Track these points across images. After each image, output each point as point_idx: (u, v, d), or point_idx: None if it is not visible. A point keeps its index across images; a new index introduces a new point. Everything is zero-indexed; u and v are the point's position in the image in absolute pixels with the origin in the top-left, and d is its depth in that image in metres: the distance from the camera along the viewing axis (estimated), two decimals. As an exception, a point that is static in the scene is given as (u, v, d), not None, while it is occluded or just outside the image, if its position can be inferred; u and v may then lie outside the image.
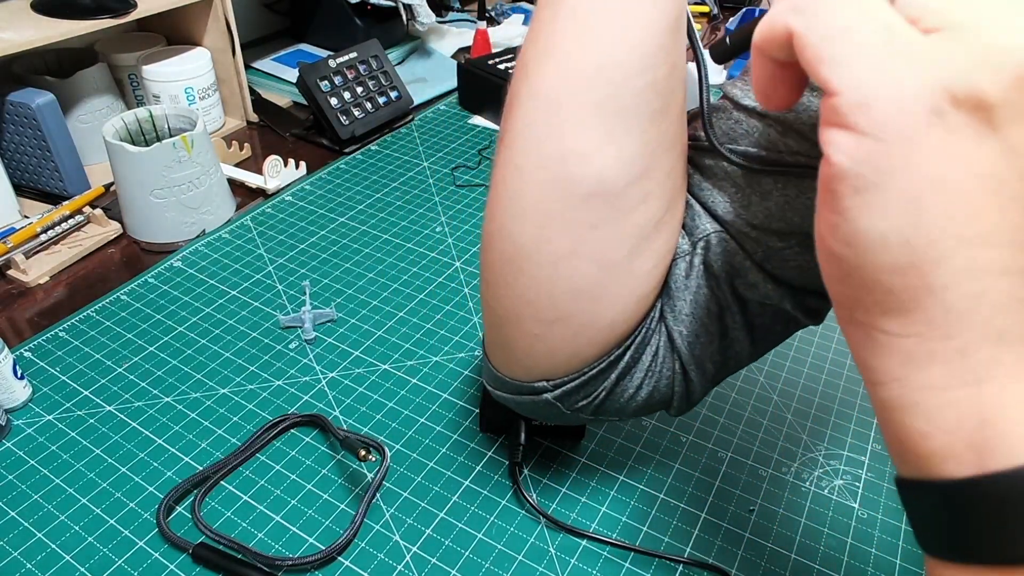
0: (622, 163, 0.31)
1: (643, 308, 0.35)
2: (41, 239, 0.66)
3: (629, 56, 0.30)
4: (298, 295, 0.62)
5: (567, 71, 0.31)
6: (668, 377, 0.38)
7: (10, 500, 0.44)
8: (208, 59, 0.83)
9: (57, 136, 0.69)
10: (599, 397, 0.37)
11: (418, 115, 0.93)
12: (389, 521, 0.44)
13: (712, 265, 0.36)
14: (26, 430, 0.49)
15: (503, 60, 0.93)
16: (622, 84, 0.30)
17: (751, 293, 0.36)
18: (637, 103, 0.30)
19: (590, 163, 0.31)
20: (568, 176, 0.31)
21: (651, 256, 0.34)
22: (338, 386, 0.53)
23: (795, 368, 0.56)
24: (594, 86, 0.30)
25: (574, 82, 0.30)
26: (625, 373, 0.37)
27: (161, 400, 0.52)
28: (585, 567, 0.42)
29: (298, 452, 0.48)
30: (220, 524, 0.43)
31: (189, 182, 0.66)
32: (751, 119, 0.35)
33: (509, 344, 0.37)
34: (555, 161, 0.31)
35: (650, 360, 0.37)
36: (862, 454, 0.49)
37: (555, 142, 0.31)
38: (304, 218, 0.72)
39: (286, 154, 0.80)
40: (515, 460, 0.46)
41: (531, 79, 0.32)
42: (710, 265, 0.36)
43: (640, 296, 0.35)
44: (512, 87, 0.33)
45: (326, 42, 1.07)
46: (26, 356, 0.55)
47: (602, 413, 0.38)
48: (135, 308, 0.60)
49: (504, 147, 0.33)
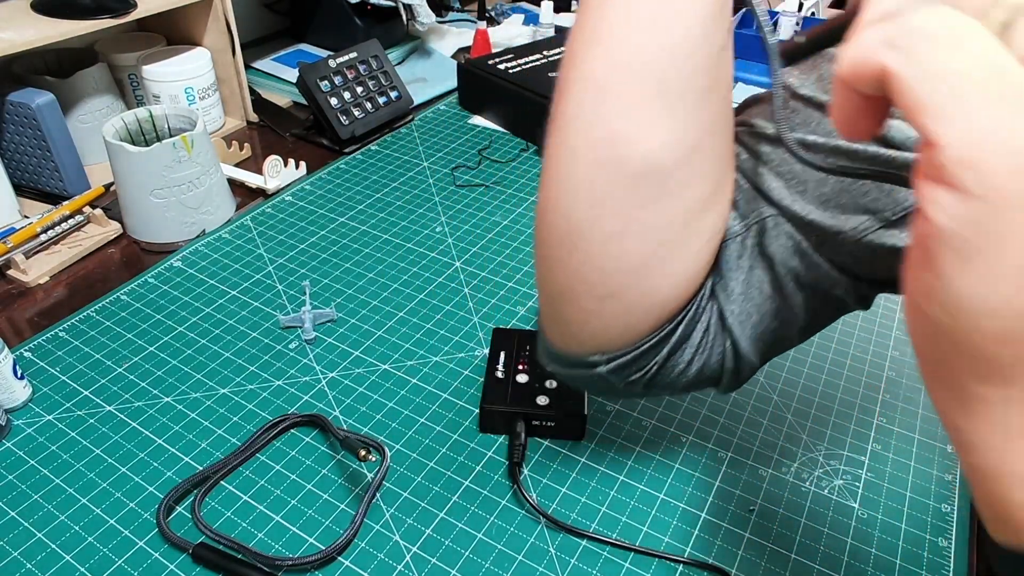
0: (670, 145, 0.32)
1: (693, 285, 0.36)
2: (41, 239, 0.66)
3: (675, 40, 0.30)
4: (298, 295, 0.62)
5: (614, 56, 0.31)
6: (719, 354, 0.38)
7: (10, 500, 0.45)
8: (208, 59, 0.83)
9: (57, 136, 0.69)
10: (651, 371, 0.38)
11: (418, 115, 0.93)
12: (389, 521, 0.44)
13: (766, 248, 0.36)
14: (26, 430, 0.49)
15: (503, 60, 0.93)
16: (668, 68, 0.31)
17: (804, 277, 0.37)
18: (683, 87, 0.31)
19: (638, 145, 0.31)
20: (617, 158, 0.32)
21: (700, 235, 0.35)
22: (338, 386, 0.53)
23: (795, 368, 0.56)
24: (641, 70, 0.31)
25: (621, 67, 0.31)
26: (676, 348, 0.38)
27: (161, 400, 0.52)
28: (585, 567, 0.42)
29: (298, 452, 0.48)
30: (220, 524, 0.43)
31: (189, 182, 0.66)
32: (808, 108, 0.35)
33: (564, 319, 0.37)
34: (605, 143, 0.32)
35: (700, 336, 0.38)
36: (862, 454, 0.49)
37: (604, 125, 0.32)
38: (304, 218, 0.72)
39: (286, 154, 0.80)
40: (515, 460, 0.46)
41: (579, 65, 0.33)
42: (764, 247, 0.37)
43: (690, 274, 0.36)
44: (561, 72, 0.34)
45: (326, 42, 1.07)
46: (26, 356, 0.55)
47: (653, 388, 0.39)
48: (135, 308, 0.60)
49: (555, 129, 0.34)
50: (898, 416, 0.53)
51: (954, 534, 0.44)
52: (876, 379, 0.56)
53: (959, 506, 0.46)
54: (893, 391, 0.55)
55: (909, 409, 0.53)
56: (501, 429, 0.50)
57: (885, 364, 0.57)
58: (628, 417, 0.51)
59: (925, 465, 0.49)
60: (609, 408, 0.52)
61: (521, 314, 0.61)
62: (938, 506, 0.46)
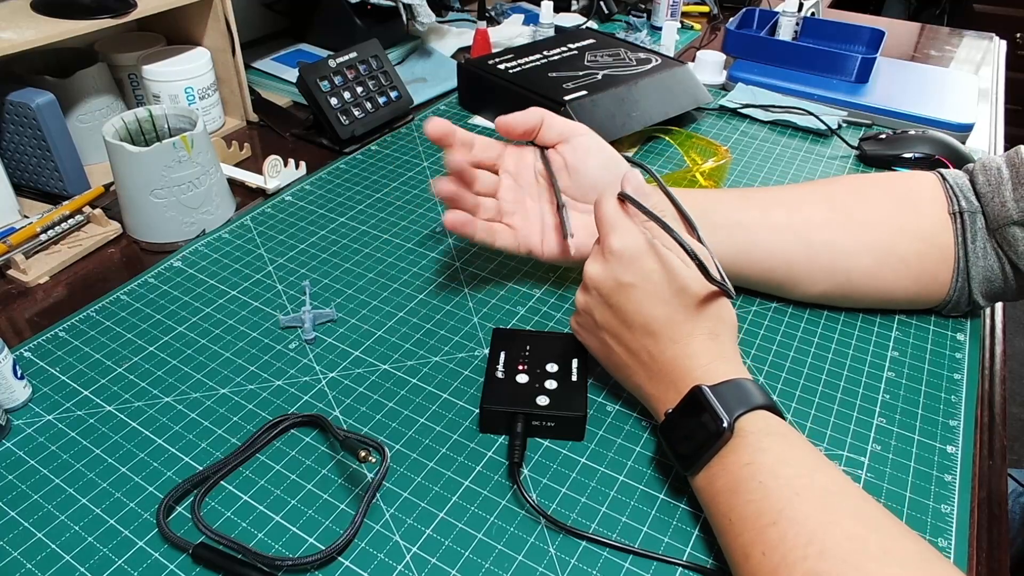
0: None
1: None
2: (41, 239, 0.66)
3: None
4: (298, 295, 0.62)
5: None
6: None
7: (10, 500, 0.45)
8: (208, 59, 0.83)
9: (57, 136, 0.69)
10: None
11: (418, 115, 0.93)
12: (389, 521, 0.44)
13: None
14: (26, 430, 0.49)
15: (503, 60, 0.93)
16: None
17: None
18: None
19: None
20: None
21: None
22: (338, 386, 0.53)
23: (795, 368, 0.56)
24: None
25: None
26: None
27: (161, 400, 0.52)
28: (585, 567, 0.42)
29: (298, 452, 0.48)
30: (220, 524, 0.43)
31: (189, 182, 0.66)
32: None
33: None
34: None
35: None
36: (862, 455, 0.49)
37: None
38: (304, 218, 0.72)
39: (286, 154, 0.80)
40: (515, 460, 0.46)
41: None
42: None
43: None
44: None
45: (326, 42, 1.07)
46: (26, 356, 0.55)
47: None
48: (135, 308, 0.60)
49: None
50: (898, 416, 0.53)
51: (954, 534, 0.44)
52: (876, 379, 0.56)
53: (959, 507, 0.46)
54: (893, 391, 0.55)
55: (909, 409, 0.53)
56: (501, 429, 0.50)
57: (885, 364, 0.57)
58: (628, 417, 0.51)
59: (925, 465, 0.49)
60: (609, 408, 0.52)
61: (521, 314, 0.61)
62: (938, 507, 0.46)
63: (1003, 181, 0.55)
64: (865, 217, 0.58)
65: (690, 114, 0.94)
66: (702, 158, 0.80)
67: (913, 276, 0.58)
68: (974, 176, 0.58)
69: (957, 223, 0.57)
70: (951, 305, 0.59)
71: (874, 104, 0.96)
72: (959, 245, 0.56)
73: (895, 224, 0.57)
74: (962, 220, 0.56)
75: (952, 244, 0.57)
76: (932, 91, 1.01)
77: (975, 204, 0.57)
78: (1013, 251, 0.55)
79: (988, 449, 0.51)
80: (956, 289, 0.58)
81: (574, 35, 1.02)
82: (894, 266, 0.57)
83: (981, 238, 0.56)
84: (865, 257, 0.57)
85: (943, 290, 0.58)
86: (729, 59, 1.10)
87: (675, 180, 0.78)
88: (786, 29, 1.17)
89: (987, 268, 0.57)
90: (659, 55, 0.95)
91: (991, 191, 0.56)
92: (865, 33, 1.17)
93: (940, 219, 0.57)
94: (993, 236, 0.56)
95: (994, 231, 0.56)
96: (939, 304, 0.60)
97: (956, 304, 0.59)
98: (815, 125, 0.91)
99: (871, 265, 0.57)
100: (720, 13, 1.39)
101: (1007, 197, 0.55)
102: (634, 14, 1.34)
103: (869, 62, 1.02)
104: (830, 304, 0.62)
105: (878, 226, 0.57)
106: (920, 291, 0.59)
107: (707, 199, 0.59)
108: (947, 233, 0.57)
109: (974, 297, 0.58)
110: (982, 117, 1.02)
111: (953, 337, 0.60)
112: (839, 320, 0.61)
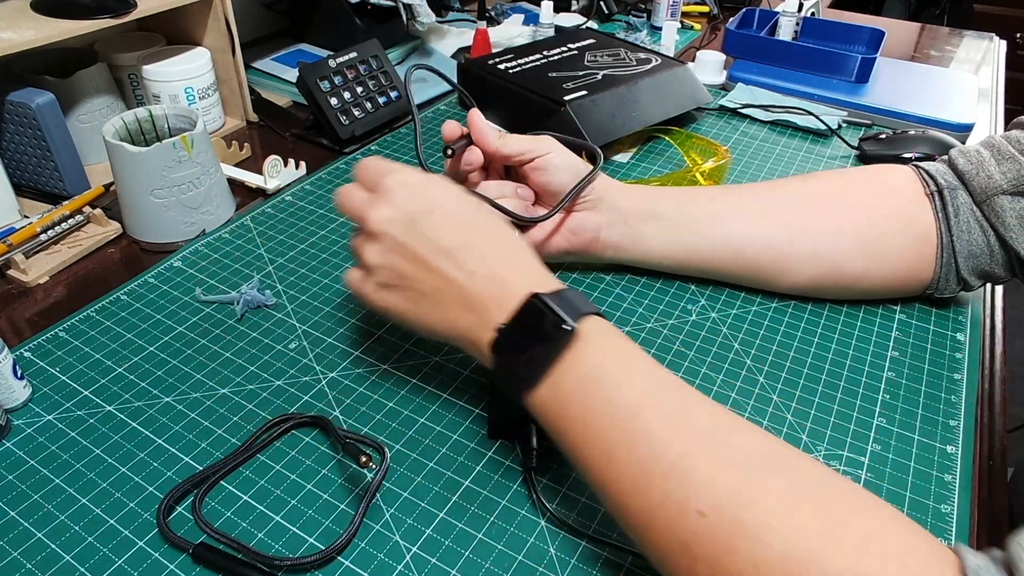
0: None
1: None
2: (41, 239, 0.66)
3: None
4: (298, 295, 0.62)
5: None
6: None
7: (10, 500, 0.45)
8: (208, 59, 0.83)
9: (57, 136, 0.69)
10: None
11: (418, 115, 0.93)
12: (389, 521, 0.44)
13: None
14: (26, 430, 0.49)
15: (503, 60, 0.93)
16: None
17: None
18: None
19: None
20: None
21: None
22: (338, 386, 0.53)
23: (795, 368, 0.56)
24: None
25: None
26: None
27: (161, 400, 0.52)
28: (585, 567, 0.42)
29: (298, 452, 0.48)
30: (220, 524, 0.43)
31: (189, 182, 0.66)
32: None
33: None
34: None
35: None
36: (862, 455, 0.49)
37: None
38: (304, 218, 0.72)
39: (286, 154, 0.80)
40: (530, 466, 0.46)
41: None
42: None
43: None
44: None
45: (326, 42, 1.07)
46: (26, 356, 0.55)
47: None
48: (135, 308, 0.60)
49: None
50: (898, 416, 0.53)
51: (954, 535, 0.44)
52: (876, 379, 0.56)
53: (959, 507, 0.46)
54: (893, 391, 0.55)
55: (909, 409, 0.53)
56: (510, 435, 0.49)
57: (885, 364, 0.57)
58: (628, 417, 0.51)
59: (925, 466, 0.49)
60: (609, 408, 0.52)
61: (521, 314, 0.61)
62: (938, 507, 0.46)
63: (984, 160, 0.57)
64: (840, 201, 0.60)
65: (690, 114, 0.94)
66: (702, 158, 0.80)
67: (896, 253, 0.59)
68: (953, 160, 0.59)
69: (936, 201, 0.58)
70: (940, 283, 0.60)
71: (874, 104, 0.96)
72: (940, 221, 0.58)
73: (869, 204, 0.59)
74: (941, 198, 0.58)
75: (932, 221, 0.58)
76: (932, 91, 1.01)
77: (955, 182, 0.58)
78: (1000, 221, 0.56)
79: (988, 449, 0.51)
80: (942, 266, 0.58)
81: (574, 35, 1.02)
82: (876, 247, 0.58)
83: (965, 212, 0.57)
84: (845, 238, 0.58)
85: (929, 268, 0.59)
86: (729, 59, 1.10)
87: (675, 180, 0.78)
88: (786, 29, 1.17)
89: (971, 243, 0.57)
90: (659, 55, 0.95)
91: (974, 168, 0.57)
92: (865, 33, 1.17)
93: (917, 200, 0.59)
94: (980, 207, 0.57)
95: (980, 203, 0.57)
96: (928, 284, 0.60)
97: (945, 282, 0.60)
98: (815, 125, 0.91)
99: (852, 245, 0.58)
100: (720, 13, 1.39)
101: (992, 171, 0.56)
102: (634, 14, 1.34)
103: (869, 62, 1.02)
104: (822, 296, 0.62)
105: (853, 208, 0.59)
106: (907, 270, 0.59)
107: (683, 195, 0.61)
108: (926, 212, 0.58)
109: (962, 274, 0.59)
110: (982, 117, 1.02)
111: (953, 337, 0.60)
112: (839, 320, 0.61)
